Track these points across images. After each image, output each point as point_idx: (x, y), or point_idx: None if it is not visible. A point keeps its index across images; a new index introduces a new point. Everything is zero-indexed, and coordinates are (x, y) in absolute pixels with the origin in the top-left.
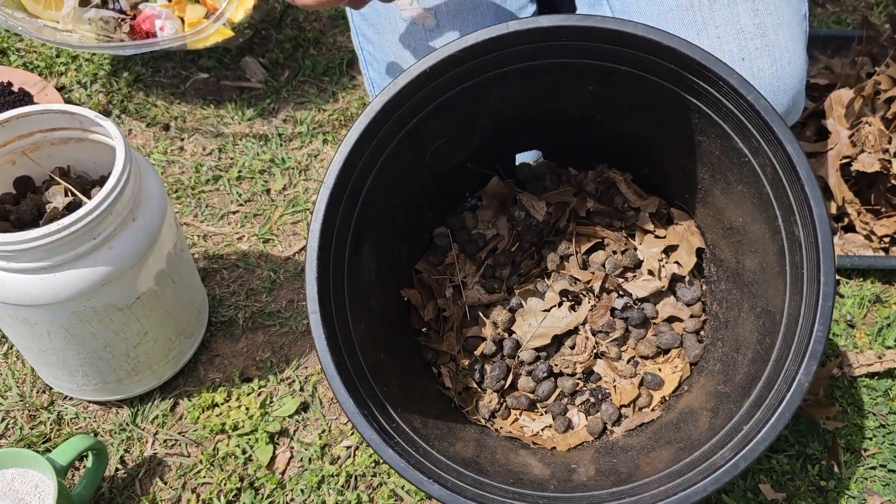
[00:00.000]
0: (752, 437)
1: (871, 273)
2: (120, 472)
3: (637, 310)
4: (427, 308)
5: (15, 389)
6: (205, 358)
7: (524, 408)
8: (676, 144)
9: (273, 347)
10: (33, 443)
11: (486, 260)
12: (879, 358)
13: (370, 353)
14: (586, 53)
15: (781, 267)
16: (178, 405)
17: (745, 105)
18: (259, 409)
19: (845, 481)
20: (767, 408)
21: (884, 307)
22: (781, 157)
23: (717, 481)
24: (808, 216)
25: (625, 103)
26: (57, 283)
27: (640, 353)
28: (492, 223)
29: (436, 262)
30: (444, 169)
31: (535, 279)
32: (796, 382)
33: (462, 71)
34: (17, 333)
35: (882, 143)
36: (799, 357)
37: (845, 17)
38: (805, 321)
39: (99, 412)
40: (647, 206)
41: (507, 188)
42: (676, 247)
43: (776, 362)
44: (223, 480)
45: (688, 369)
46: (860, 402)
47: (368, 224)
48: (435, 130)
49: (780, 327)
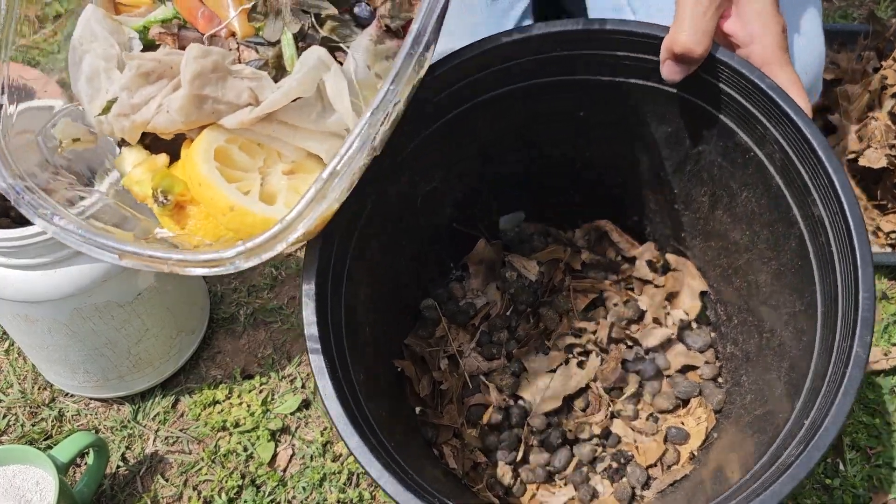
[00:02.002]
0: (820, 425)
1: (877, 269)
2: (121, 469)
3: (648, 361)
4: (422, 383)
5: (16, 386)
6: (206, 355)
7: (541, 481)
8: (671, 166)
9: (275, 344)
10: (35, 439)
11: (480, 326)
12: (885, 355)
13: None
14: (582, 66)
15: (804, 259)
16: (180, 402)
17: (750, 87)
18: (260, 407)
19: (851, 479)
20: (826, 395)
21: (890, 304)
22: (792, 135)
23: (792, 477)
24: (828, 187)
25: (614, 127)
26: (58, 279)
27: (659, 407)
28: (481, 291)
29: (426, 335)
30: (427, 233)
31: (535, 340)
32: (853, 356)
33: (452, 94)
34: (18, 330)
35: (889, 139)
36: (849, 332)
37: (851, 11)
38: (846, 296)
39: (100, 409)
40: (643, 253)
41: (495, 251)
42: (678, 293)
43: (821, 354)
44: (224, 478)
45: (713, 418)
46: (866, 400)
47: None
48: (421, 171)
49: (816, 318)
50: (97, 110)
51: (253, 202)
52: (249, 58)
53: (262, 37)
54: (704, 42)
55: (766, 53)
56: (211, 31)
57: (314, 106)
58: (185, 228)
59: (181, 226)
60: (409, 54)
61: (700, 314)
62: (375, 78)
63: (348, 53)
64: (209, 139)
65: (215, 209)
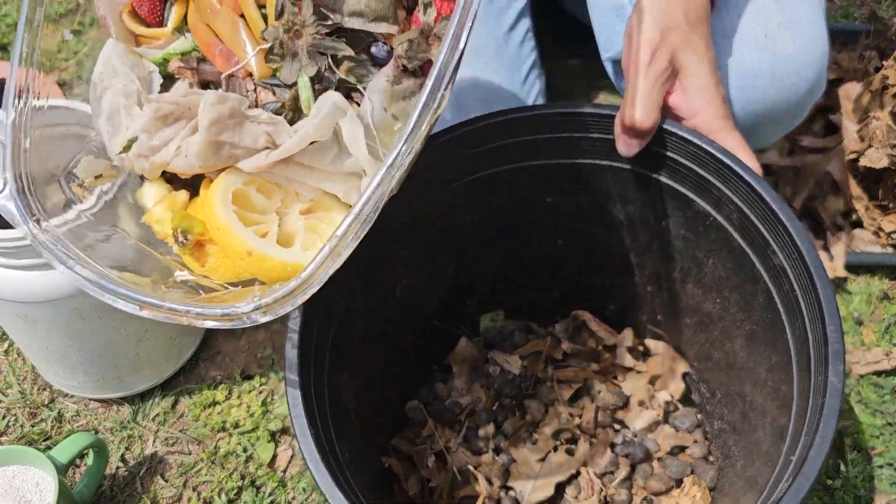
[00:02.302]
0: (805, 456)
1: (879, 269)
2: (121, 470)
3: (637, 444)
4: (410, 481)
5: (16, 387)
6: (206, 355)
7: None
8: (639, 248)
9: (274, 345)
10: (34, 440)
11: (465, 422)
12: (887, 355)
13: None
14: (542, 150)
15: (773, 310)
16: (179, 403)
17: (701, 153)
18: (260, 407)
19: (852, 480)
20: (808, 431)
21: (891, 304)
22: (745, 193)
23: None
24: (784, 235)
25: (583, 212)
26: (57, 280)
27: (652, 489)
28: (465, 390)
29: (412, 435)
30: (408, 329)
31: (523, 430)
32: (829, 387)
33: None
34: (17, 330)
35: (890, 139)
36: (822, 366)
37: (853, 10)
38: (815, 334)
39: (100, 410)
40: (622, 340)
41: (477, 349)
42: (660, 376)
43: (800, 394)
44: (224, 479)
45: (707, 495)
46: (867, 401)
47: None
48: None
49: (791, 364)
50: (118, 148)
51: (270, 246)
52: (266, 99)
53: (279, 79)
54: (653, 114)
55: (711, 124)
56: (228, 71)
57: (330, 149)
58: (206, 266)
59: (201, 263)
60: (426, 105)
61: (684, 395)
62: (392, 119)
63: (365, 95)
64: (226, 183)
65: (233, 253)
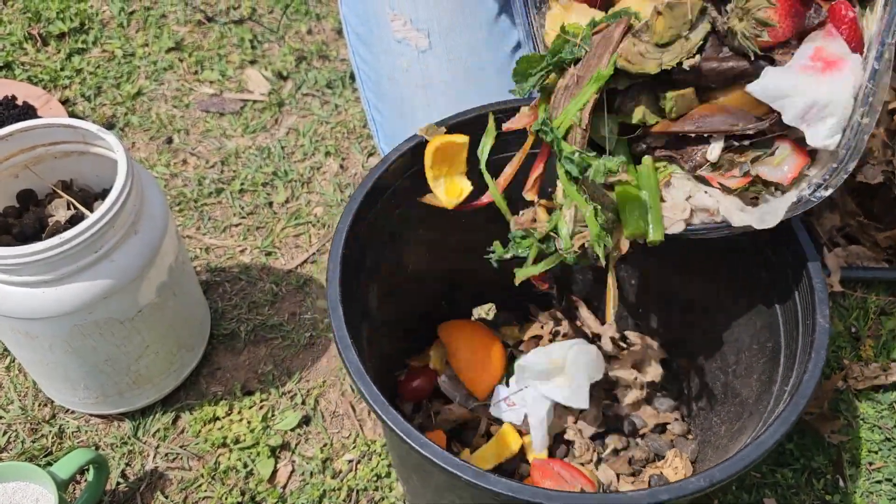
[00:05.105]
0: (800, 382)
1: (875, 285)
2: (121, 486)
3: (627, 422)
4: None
5: (17, 402)
6: (206, 371)
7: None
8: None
9: (275, 360)
10: (35, 456)
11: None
12: (884, 370)
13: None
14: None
15: (754, 267)
16: (180, 418)
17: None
18: (260, 423)
19: (851, 495)
20: (800, 363)
21: (889, 319)
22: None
23: (784, 421)
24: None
25: None
26: (58, 296)
27: (637, 458)
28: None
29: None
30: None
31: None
32: (818, 326)
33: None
34: (18, 346)
35: (886, 155)
36: (809, 312)
37: None
38: (802, 283)
39: (100, 425)
40: (606, 331)
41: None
42: (641, 361)
43: (788, 347)
44: (224, 494)
45: (689, 467)
46: (865, 416)
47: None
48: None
49: (778, 322)
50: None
51: None
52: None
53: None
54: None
55: None
56: None
57: None
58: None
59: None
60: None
61: (665, 380)
62: None
63: None
64: None
65: None
